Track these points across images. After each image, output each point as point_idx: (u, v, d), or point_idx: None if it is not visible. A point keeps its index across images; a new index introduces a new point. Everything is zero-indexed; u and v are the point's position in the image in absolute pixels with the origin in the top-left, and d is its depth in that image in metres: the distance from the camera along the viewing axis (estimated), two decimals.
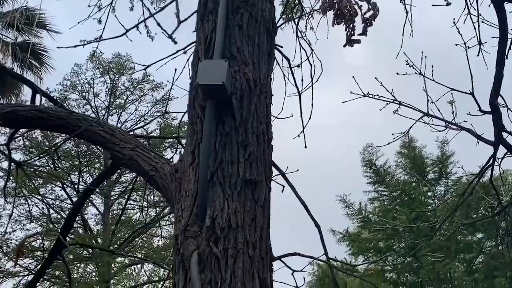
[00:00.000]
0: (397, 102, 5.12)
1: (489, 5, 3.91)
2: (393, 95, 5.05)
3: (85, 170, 18.44)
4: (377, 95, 5.08)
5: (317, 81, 4.46)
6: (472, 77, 4.36)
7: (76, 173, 18.27)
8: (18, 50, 15.46)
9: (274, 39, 3.41)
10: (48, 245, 14.91)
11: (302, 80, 4.56)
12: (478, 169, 5.44)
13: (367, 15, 3.90)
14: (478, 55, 4.30)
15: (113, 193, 19.85)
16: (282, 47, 3.94)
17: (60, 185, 18.09)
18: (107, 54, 20.48)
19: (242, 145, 2.82)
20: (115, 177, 19.71)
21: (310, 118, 4.37)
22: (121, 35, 3.93)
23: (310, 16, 4.97)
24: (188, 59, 3.90)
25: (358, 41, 3.87)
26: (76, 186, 17.97)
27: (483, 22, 4.22)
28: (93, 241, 18.07)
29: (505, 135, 4.49)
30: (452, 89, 4.76)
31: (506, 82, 4.20)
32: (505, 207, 5.40)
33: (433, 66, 4.85)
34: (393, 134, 5.49)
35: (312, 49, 4.51)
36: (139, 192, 19.66)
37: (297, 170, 3.40)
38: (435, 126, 5.22)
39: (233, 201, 2.68)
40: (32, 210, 17.69)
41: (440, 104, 4.98)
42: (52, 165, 17.71)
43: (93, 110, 19.98)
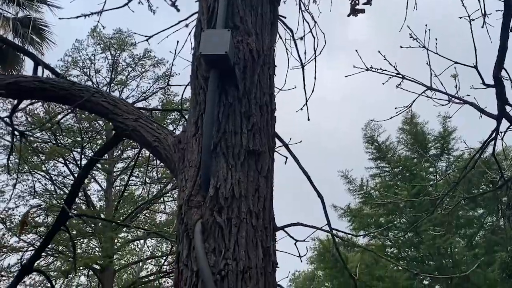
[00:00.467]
0: (400, 76, 5.09)
1: None
2: (396, 69, 5.03)
3: (87, 146, 18.45)
4: (380, 68, 5.06)
5: (320, 53, 4.43)
6: (476, 50, 4.32)
7: (78, 149, 18.29)
8: (19, 25, 15.36)
9: (277, 9, 3.38)
10: (51, 221, 15.02)
11: (305, 53, 4.53)
12: (480, 144, 5.43)
13: None
14: (482, 27, 4.27)
15: (115, 169, 19.90)
16: (285, 17, 3.91)
17: (63, 161, 18.14)
18: (108, 30, 20.35)
19: (245, 116, 2.82)
20: (117, 153, 19.78)
21: (313, 91, 4.35)
22: (123, 5, 3.90)
23: None
24: (190, 32, 3.88)
25: (362, 10, 3.83)
26: (78, 162, 18.01)
27: None
28: (96, 218, 18.18)
29: (508, 108, 4.47)
30: (456, 62, 4.72)
31: (510, 55, 4.18)
32: (507, 180, 5.40)
33: (436, 40, 4.82)
34: (396, 108, 5.49)
35: (315, 21, 4.46)
36: (141, 169, 19.73)
37: (300, 142, 3.40)
38: (438, 100, 5.20)
39: (237, 172, 2.69)
40: (35, 186, 17.76)
41: (444, 78, 4.95)
42: (54, 141, 17.75)
43: (94, 86, 19.91)
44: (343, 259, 3.09)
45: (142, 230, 17.99)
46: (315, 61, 4.46)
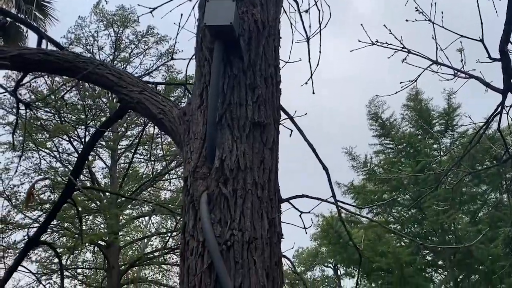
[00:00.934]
0: (406, 50, 5.06)
1: None
2: (401, 43, 4.99)
3: (91, 124, 18.47)
4: (386, 42, 5.02)
5: (325, 27, 4.39)
6: (482, 23, 4.28)
7: (83, 126, 18.32)
8: (22, 1, 15.26)
9: None
10: (57, 198, 15.09)
11: (310, 26, 4.50)
12: (485, 120, 5.41)
13: None
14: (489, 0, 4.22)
15: (119, 146, 19.95)
16: None
17: (67, 138, 18.18)
18: (111, 6, 20.23)
19: (250, 88, 2.81)
20: (121, 131, 19.81)
21: (318, 65, 4.34)
22: None
23: None
24: (194, 6, 3.85)
25: None
26: (83, 140, 18.05)
27: None
28: (101, 194, 18.29)
29: None
30: (462, 36, 4.67)
31: None
32: None
33: (442, 13, 4.77)
34: (401, 83, 5.47)
35: None
36: (146, 146, 19.78)
37: (305, 114, 3.40)
38: (443, 75, 5.17)
39: (242, 143, 2.69)
40: (40, 163, 17.83)
41: (449, 53, 4.92)
42: (58, 119, 17.77)
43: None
44: (347, 230, 3.11)
45: (148, 203, 18.10)
46: (320, 34, 4.44)
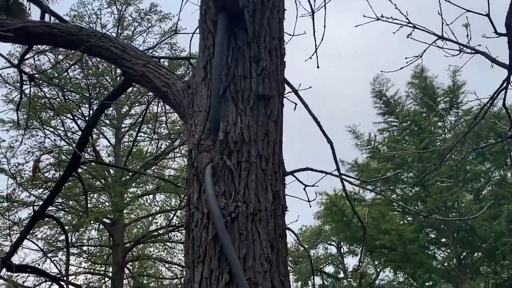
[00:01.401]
0: (411, 25, 5.01)
1: None
2: (407, 18, 4.94)
3: (95, 102, 18.45)
4: (391, 17, 4.97)
5: (330, 0, 4.34)
6: None
7: (87, 105, 18.30)
8: None
9: None
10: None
11: (315, 0, 4.44)
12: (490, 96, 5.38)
13: None
14: None
15: (123, 125, 19.97)
16: None
17: (71, 117, 18.20)
18: None
19: (255, 60, 2.79)
20: (125, 109, 19.81)
21: (322, 39, 4.29)
22: None
23: None
24: None
25: None
26: (86, 118, 18.05)
27: None
28: (105, 172, 18.37)
29: None
30: (468, 10, 4.62)
31: None
32: None
33: None
34: (406, 58, 5.43)
35: None
36: (150, 125, 19.79)
37: (310, 87, 3.37)
38: (449, 51, 5.13)
39: (246, 116, 2.69)
40: (44, 141, 17.88)
41: (455, 28, 4.88)
42: (62, 97, 17.77)
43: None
44: (351, 203, 3.10)
45: (154, 178, 18.17)
46: (325, 8, 4.39)
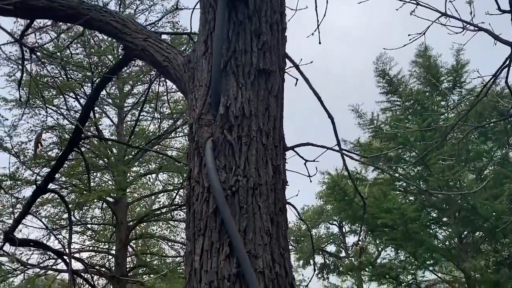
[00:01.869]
0: (414, 1, 4.98)
1: None
2: None
3: (97, 81, 18.38)
4: None
5: None
6: None
7: (89, 84, 18.26)
8: None
9: None
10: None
11: None
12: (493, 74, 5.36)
13: None
14: None
15: (126, 104, 19.94)
16: None
17: (74, 96, 18.16)
18: None
19: (256, 34, 2.78)
20: (128, 88, 19.77)
21: (325, 15, 4.26)
22: None
23: None
24: None
25: None
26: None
27: None
28: (108, 151, 18.40)
29: None
30: None
31: None
32: None
33: None
34: (409, 35, 5.41)
35: None
36: (152, 104, 19.75)
37: (311, 62, 3.36)
38: (452, 28, 5.11)
39: (247, 90, 2.69)
40: (46, 120, 17.87)
41: (458, 5, 4.86)
42: (64, 76, 17.72)
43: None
44: (352, 178, 3.11)
45: (158, 154, 18.21)
46: None
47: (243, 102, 2.65)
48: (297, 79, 3.29)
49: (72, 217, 16.70)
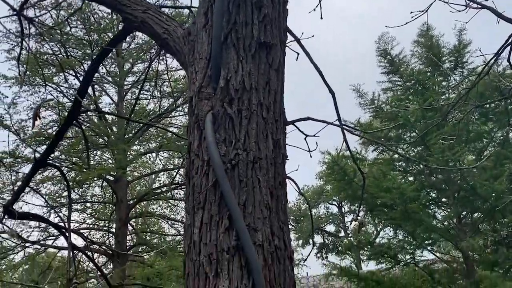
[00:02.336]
0: None
1: None
2: None
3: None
4: None
5: None
6: None
7: (89, 62, 18.16)
8: None
9: None
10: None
11: None
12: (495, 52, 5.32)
13: None
14: None
15: (126, 82, 19.87)
16: None
17: (74, 74, 18.09)
18: None
19: (257, 6, 2.74)
20: (128, 67, 19.68)
21: None
22: None
23: None
24: None
25: None
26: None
27: None
28: (108, 129, 18.39)
29: None
30: None
31: None
32: None
33: None
34: (411, 13, 5.37)
35: None
36: (152, 83, 19.68)
37: (313, 36, 3.33)
38: (455, 6, 5.07)
39: (247, 64, 2.66)
40: (46, 97, 17.83)
41: None
42: (64, 54, 17.63)
43: None
44: (352, 154, 3.10)
45: (160, 128, 18.21)
46: None
47: (244, 75, 2.62)
48: (298, 54, 3.26)
49: (72, 194, 16.77)
